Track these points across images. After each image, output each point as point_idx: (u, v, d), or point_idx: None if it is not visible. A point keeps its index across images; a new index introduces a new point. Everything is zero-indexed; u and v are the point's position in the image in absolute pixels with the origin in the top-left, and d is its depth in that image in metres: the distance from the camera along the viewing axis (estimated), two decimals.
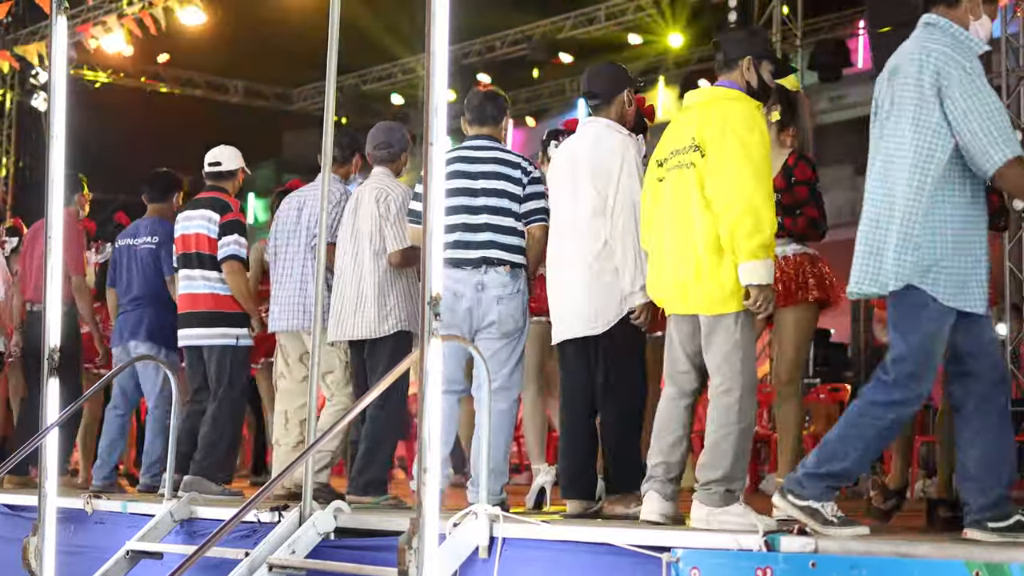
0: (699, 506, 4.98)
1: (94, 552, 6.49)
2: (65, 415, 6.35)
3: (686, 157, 5.12)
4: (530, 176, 6.15)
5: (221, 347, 7.52)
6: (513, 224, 6.11)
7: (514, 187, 6.12)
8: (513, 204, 6.11)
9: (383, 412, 6.45)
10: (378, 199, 6.66)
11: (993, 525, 4.39)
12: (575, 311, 5.70)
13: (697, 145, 5.07)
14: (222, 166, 7.77)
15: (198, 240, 7.58)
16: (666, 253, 5.20)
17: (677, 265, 5.14)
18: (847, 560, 4.12)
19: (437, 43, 4.37)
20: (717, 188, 5.00)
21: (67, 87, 5.96)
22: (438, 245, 4.38)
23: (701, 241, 5.04)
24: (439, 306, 4.35)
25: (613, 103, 5.85)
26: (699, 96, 5.34)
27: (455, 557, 4.95)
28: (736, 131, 5.00)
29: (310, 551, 5.54)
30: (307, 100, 18.66)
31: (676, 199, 5.15)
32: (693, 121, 5.17)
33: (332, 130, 6.13)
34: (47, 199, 5.88)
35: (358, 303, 6.65)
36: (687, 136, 5.14)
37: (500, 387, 6.04)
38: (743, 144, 4.98)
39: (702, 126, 5.09)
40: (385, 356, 6.56)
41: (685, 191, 5.11)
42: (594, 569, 4.70)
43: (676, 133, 5.25)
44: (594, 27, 15.58)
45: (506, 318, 6.04)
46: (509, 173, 6.12)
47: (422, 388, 4.35)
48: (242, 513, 5.08)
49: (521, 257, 6.13)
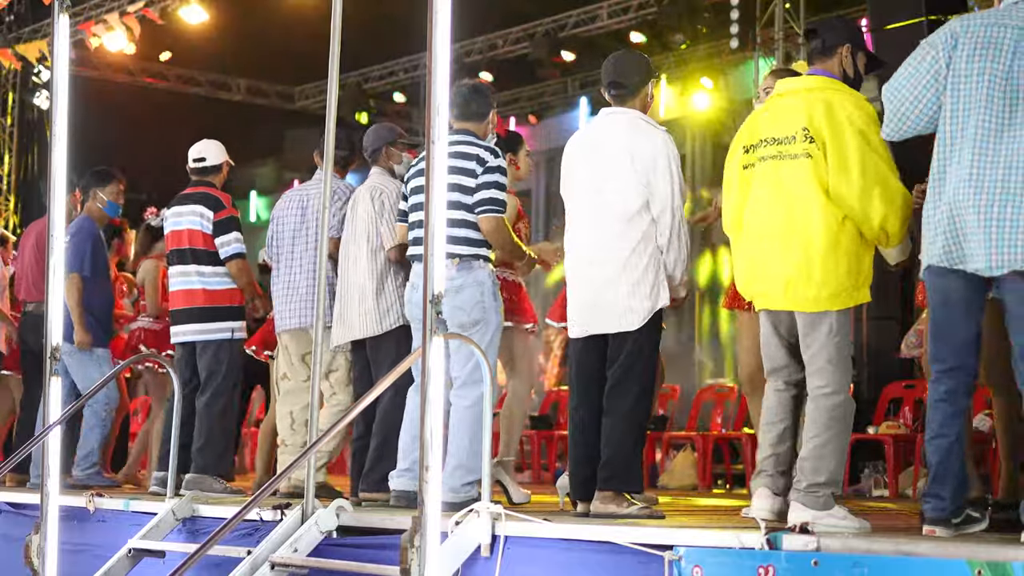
0: (802, 509, 4.84)
1: (96, 550, 6.50)
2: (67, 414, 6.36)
3: (794, 147, 4.95)
4: (486, 166, 6.04)
5: (217, 341, 7.54)
6: (463, 216, 6.01)
7: (466, 179, 6.01)
8: (464, 196, 6.01)
9: (393, 408, 6.44)
10: (373, 197, 6.72)
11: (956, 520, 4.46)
12: (605, 307, 5.56)
13: (811, 135, 4.91)
14: (207, 161, 7.77)
15: (191, 236, 7.59)
16: (768, 246, 5.03)
17: (781, 259, 4.97)
18: (849, 558, 4.11)
19: (439, 41, 4.37)
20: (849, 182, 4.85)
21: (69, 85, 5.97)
22: (439, 243, 4.38)
23: (818, 234, 4.88)
24: (441, 304, 4.35)
25: (639, 95, 5.71)
26: (800, 84, 5.16)
27: (457, 555, 4.94)
28: (854, 123, 4.87)
29: (312, 549, 5.53)
30: (309, 98, 18.66)
31: (780, 189, 4.98)
32: (798, 109, 4.99)
33: (334, 128, 6.13)
34: (48, 198, 5.89)
35: (359, 302, 6.66)
36: (791, 125, 4.97)
37: (464, 382, 6.00)
38: (863, 136, 4.86)
39: (813, 115, 4.93)
40: (390, 352, 6.57)
41: (795, 181, 4.93)
42: (596, 567, 4.70)
43: (773, 120, 5.08)
44: (596, 25, 15.56)
45: (454, 311, 5.89)
46: (463, 166, 6.01)
47: (424, 386, 4.36)
48: (244, 511, 5.09)
49: (474, 248, 6.04)
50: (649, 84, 5.74)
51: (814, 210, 4.90)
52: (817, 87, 5.06)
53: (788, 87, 5.17)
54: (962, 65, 4.51)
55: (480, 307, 6.04)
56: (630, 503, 5.41)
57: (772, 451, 5.11)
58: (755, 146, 5.10)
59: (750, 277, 5.17)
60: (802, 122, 4.95)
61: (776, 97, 5.21)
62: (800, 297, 4.97)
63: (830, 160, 4.88)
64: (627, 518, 5.31)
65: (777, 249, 4.99)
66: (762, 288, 5.12)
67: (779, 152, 4.99)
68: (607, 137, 5.69)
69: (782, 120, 5.04)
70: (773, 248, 5.01)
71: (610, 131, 5.70)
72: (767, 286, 5.08)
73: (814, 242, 4.90)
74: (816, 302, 4.94)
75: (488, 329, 6.05)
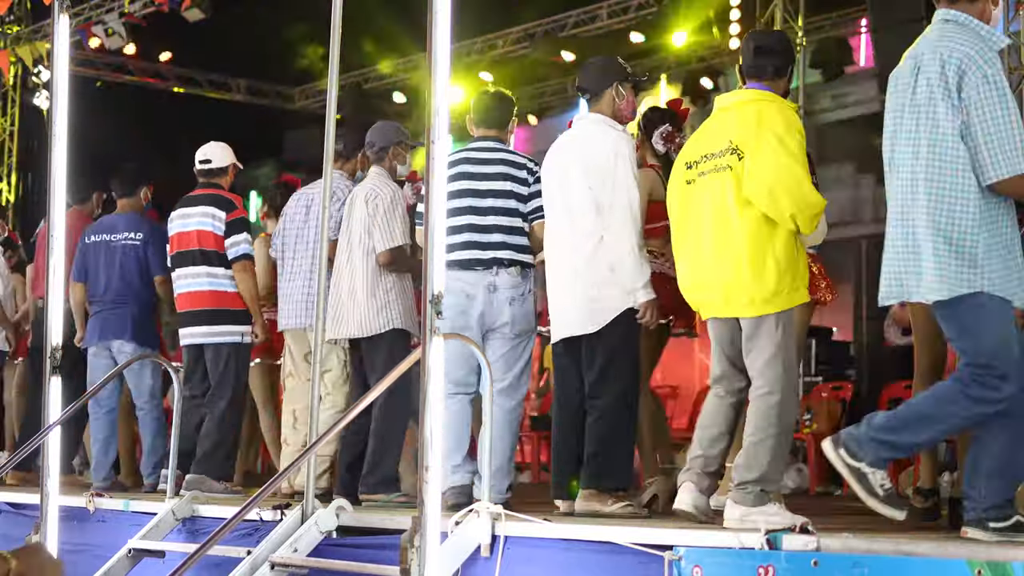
0: (733, 506, 4.94)
1: (96, 550, 6.50)
2: (67, 414, 6.35)
3: (723, 160, 5.07)
4: (535, 175, 6.14)
5: (226, 345, 7.51)
6: (521, 224, 6.12)
7: (520, 187, 6.12)
8: (520, 204, 6.12)
9: (389, 409, 6.45)
10: (367, 199, 6.73)
11: (994, 525, 4.38)
12: (570, 310, 5.69)
13: (735, 148, 5.03)
14: (213, 163, 7.74)
15: (201, 237, 7.55)
16: (705, 257, 5.16)
17: (717, 268, 5.10)
18: (849, 558, 4.11)
19: (439, 41, 4.37)
20: (760, 180, 4.94)
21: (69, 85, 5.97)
22: (440, 243, 4.38)
23: (743, 243, 5.00)
24: (441, 304, 4.35)
25: (603, 97, 5.81)
26: (733, 98, 5.29)
27: (457, 555, 4.95)
28: (774, 130, 4.97)
29: (312, 549, 5.54)
30: (309, 99, 18.65)
31: (714, 202, 5.10)
32: (729, 124, 5.13)
33: (334, 129, 6.14)
34: (49, 198, 5.88)
35: (352, 301, 6.67)
36: (723, 139, 5.10)
37: (508, 386, 6.06)
38: (780, 140, 4.95)
39: (740, 128, 5.06)
40: (382, 354, 6.58)
41: (722, 193, 5.06)
42: (596, 567, 4.70)
43: (709, 136, 5.21)
44: (596, 25, 15.56)
45: (519, 319, 6.05)
46: (515, 174, 6.12)
47: (424, 387, 4.36)
48: (244, 511, 5.08)
49: (530, 257, 6.13)
50: (613, 86, 5.81)
51: (738, 218, 5.02)
52: (747, 101, 5.18)
53: (722, 103, 5.31)
54: None
55: (535, 317, 6.20)
56: (614, 500, 5.43)
57: (702, 452, 5.21)
58: (696, 162, 5.23)
59: (692, 287, 5.30)
60: (730, 135, 5.08)
61: (714, 113, 5.35)
62: (737, 303, 5.08)
63: (747, 165, 5.00)
64: (610, 516, 5.34)
65: (712, 259, 5.13)
66: (704, 297, 5.25)
67: (714, 166, 5.13)
68: (570, 142, 5.86)
69: (714, 135, 5.18)
70: (709, 259, 5.14)
71: (574, 136, 5.87)
72: (708, 295, 5.21)
73: (743, 250, 5.01)
74: (752, 307, 5.04)
75: (533, 337, 6.22)
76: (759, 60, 5.23)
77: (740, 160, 5.01)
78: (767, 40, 5.46)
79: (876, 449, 4.46)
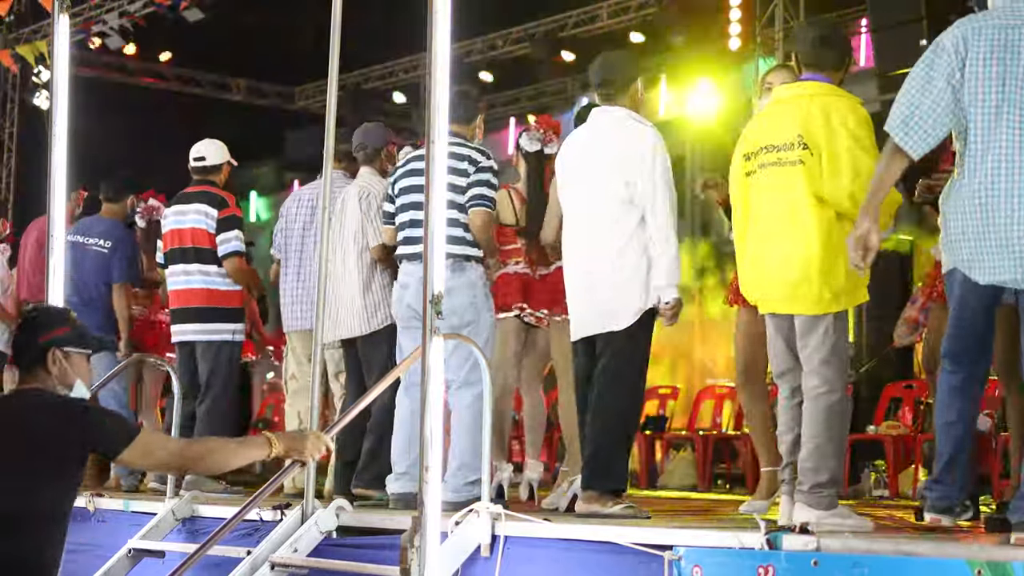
0: (807, 510, 4.85)
1: (96, 550, 6.49)
2: None
3: (791, 154, 4.99)
4: (478, 166, 6.12)
5: (217, 342, 7.52)
6: (456, 216, 6.03)
7: (459, 179, 6.07)
8: (458, 196, 6.06)
9: (388, 407, 6.45)
10: (360, 197, 6.75)
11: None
12: (594, 308, 5.58)
13: (804, 142, 4.95)
14: (207, 160, 7.75)
15: (195, 235, 7.56)
16: (769, 252, 5.07)
17: (783, 264, 5.02)
18: (849, 558, 4.11)
19: (439, 41, 4.37)
20: (840, 186, 4.88)
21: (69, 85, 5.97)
22: (439, 243, 4.38)
23: (815, 240, 4.92)
24: (440, 304, 4.35)
25: (627, 92, 5.72)
26: (795, 90, 5.17)
27: (457, 555, 4.94)
28: (848, 126, 4.91)
29: (312, 549, 5.53)
30: (309, 99, 18.66)
31: (779, 196, 5.02)
32: (793, 116, 5.03)
33: (334, 129, 6.14)
34: (49, 198, 5.88)
35: (347, 301, 6.68)
36: (788, 132, 5.01)
37: (463, 383, 6.01)
38: (856, 139, 4.89)
39: (807, 122, 4.97)
40: (379, 351, 6.59)
41: (790, 188, 4.98)
42: (596, 567, 4.70)
43: (770, 128, 5.12)
44: (596, 25, 15.57)
45: (458, 310, 5.92)
46: (456, 166, 6.03)
47: (423, 386, 4.36)
48: (244, 511, 5.09)
49: (465, 248, 6.07)
50: (638, 81, 5.74)
51: (810, 215, 4.94)
52: (812, 94, 5.07)
53: (785, 94, 5.20)
54: (979, 69, 4.39)
55: (472, 308, 6.07)
56: (615, 502, 5.41)
57: (790, 459, 5.15)
58: (755, 153, 5.13)
59: (754, 282, 5.21)
60: (797, 129, 4.99)
61: (773, 104, 5.26)
62: (802, 300, 5.00)
63: (824, 164, 4.92)
64: (611, 517, 5.32)
65: (778, 254, 5.03)
66: (766, 293, 5.16)
67: (778, 159, 5.03)
68: (595, 137, 5.74)
69: (779, 127, 5.08)
70: (774, 253, 5.05)
71: (598, 130, 5.74)
72: (770, 291, 5.12)
73: (812, 246, 4.93)
74: (818, 304, 4.97)
75: (481, 330, 6.05)
76: (823, 51, 5.14)
77: (812, 155, 4.92)
78: (829, 31, 5.33)
79: None
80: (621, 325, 5.51)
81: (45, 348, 4.38)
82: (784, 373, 5.21)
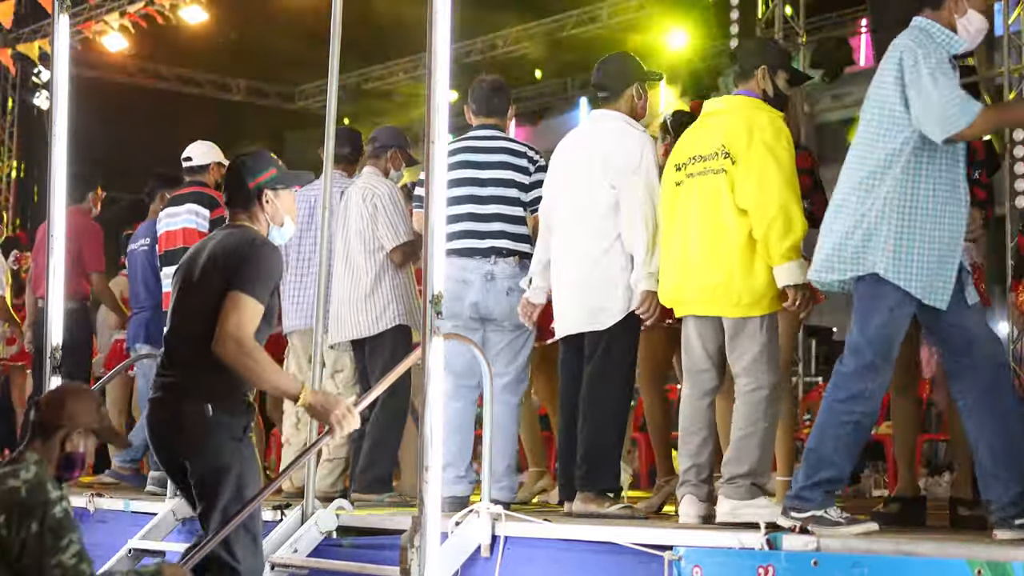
0: (724, 500, 5.02)
1: (96, 551, 6.44)
2: None
3: (715, 163, 5.15)
4: (536, 165, 6.13)
5: None
6: (521, 214, 6.08)
7: (521, 176, 6.09)
8: (521, 193, 6.09)
9: (386, 409, 6.44)
10: (364, 198, 6.70)
11: (1020, 522, 4.36)
12: (579, 306, 5.64)
13: (727, 152, 5.12)
14: (193, 160, 7.77)
15: (186, 235, 7.54)
16: (692, 257, 5.21)
17: (705, 269, 5.16)
18: (849, 558, 4.11)
19: (439, 41, 4.37)
20: (749, 194, 5.06)
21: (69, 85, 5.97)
22: (440, 243, 4.39)
23: (735, 245, 5.08)
24: (440, 304, 4.35)
25: (622, 96, 5.77)
26: (721, 104, 5.37)
27: (457, 556, 4.95)
28: (764, 139, 5.08)
29: (312, 550, 5.54)
30: (309, 99, 18.66)
31: (704, 203, 5.19)
32: (719, 128, 5.22)
33: (334, 129, 6.13)
34: (49, 197, 5.89)
35: (353, 302, 6.65)
36: (713, 142, 5.19)
37: (512, 380, 6.02)
38: (771, 151, 5.07)
39: (730, 133, 5.15)
40: (385, 352, 6.55)
41: (715, 196, 5.14)
42: (596, 568, 4.70)
43: (698, 139, 5.31)
44: (596, 25, 15.56)
45: (517, 310, 5.97)
46: (516, 163, 6.09)
47: (424, 386, 4.36)
48: (244, 511, 5.08)
49: (529, 247, 6.07)
50: (634, 86, 5.78)
51: (732, 223, 5.11)
52: (736, 107, 5.29)
53: (711, 108, 5.42)
54: None
55: None
56: (612, 502, 5.42)
57: (693, 461, 5.27)
58: (685, 164, 5.31)
59: (677, 286, 5.32)
60: (721, 140, 5.17)
61: (703, 117, 5.44)
62: (724, 304, 5.17)
63: (739, 175, 5.10)
64: (608, 517, 5.32)
65: (702, 260, 5.19)
66: (688, 297, 5.29)
67: (704, 168, 5.22)
68: (586, 140, 5.80)
69: (704, 139, 5.28)
70: (698, 259, 5.20)
71: (591, 134, 5.81)
72: (694, 295, 5.26)
73: (734, 252, 5.10)
74: (738, 309, 5.13)
75: (534, 329, 6.12)
76: (744, 65, 5.35)
77: (734, 164, 5.11)
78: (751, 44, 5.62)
79: (814, 494, 4.48)
80: (606, 324, 5.57)
81: (259, 190, 4.70)
82: (694, 374, 5.32)
